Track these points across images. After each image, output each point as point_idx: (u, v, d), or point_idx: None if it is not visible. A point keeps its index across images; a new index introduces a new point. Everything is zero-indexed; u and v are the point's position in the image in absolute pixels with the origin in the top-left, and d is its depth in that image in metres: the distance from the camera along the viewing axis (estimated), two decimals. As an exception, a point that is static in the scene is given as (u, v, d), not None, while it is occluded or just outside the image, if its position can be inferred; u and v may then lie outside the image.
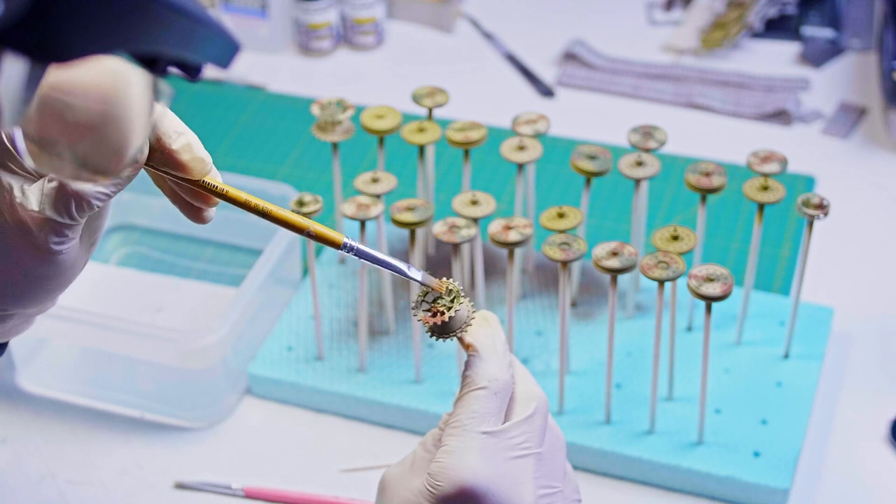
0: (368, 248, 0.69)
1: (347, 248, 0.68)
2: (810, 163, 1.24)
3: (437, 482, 0.68)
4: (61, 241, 0.64)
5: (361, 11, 1.41)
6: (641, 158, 0.97)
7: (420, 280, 0.71)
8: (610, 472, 0.96)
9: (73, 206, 0.62)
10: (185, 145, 0.64)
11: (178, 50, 0.53)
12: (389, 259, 0.70)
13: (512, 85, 1.38)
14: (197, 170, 0.65)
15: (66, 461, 0.98)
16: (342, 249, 0.68)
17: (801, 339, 1.02)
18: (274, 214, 0.67)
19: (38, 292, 0.66)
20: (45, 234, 0.63)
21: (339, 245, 0.68)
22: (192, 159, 0.64)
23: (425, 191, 1.04)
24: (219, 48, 0.56)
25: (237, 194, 0.66)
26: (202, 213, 0.68)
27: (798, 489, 0.94)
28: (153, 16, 0.50)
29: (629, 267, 0.87)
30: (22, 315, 0.68)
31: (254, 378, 1.02)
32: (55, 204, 0.62)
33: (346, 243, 0.68)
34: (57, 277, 0.66)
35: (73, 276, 0.67)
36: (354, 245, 0.69)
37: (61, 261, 0.65)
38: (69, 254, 0.65)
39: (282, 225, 0.67)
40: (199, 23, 0.53)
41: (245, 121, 1.34)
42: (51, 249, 0.64)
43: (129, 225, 1.18)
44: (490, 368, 0.71)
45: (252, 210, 0.67)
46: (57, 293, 0.68)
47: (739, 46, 1.41)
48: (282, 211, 0.67)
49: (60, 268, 0.65)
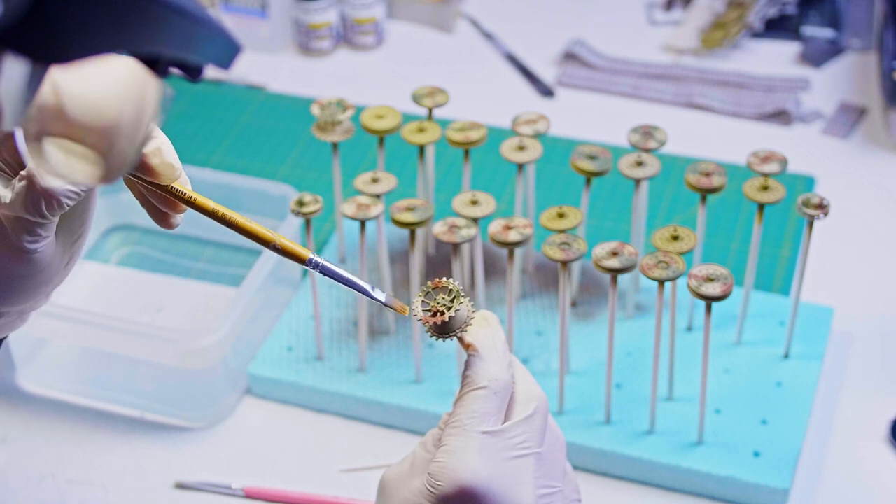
0: (333, 265, 0.69)
1: (312, 264, 0.68)
2: (810, 163, 1.24)
3: (436, 482, 0.68)
4: (34, 239, 0.64)
5: (361, 11, 1.41)
6: (641, 158, 0.97)
7: (384, 302, 0.71)
8: (610, 472, 0.96)
9: (44, 205, 0.62)
10: (155, 150, 0.64)
11: (179, 51, 0.53)
12: (354, 278, 0.70)
13: (512, 85, 1.38)
14: (165, 175, 0.65)
15: (66, 461, 0.98)
16: (307, 265, 0.68)
17: (801, 339, 1.02)
18: (241, 225, 0.67)
19: (19, 290, 0.66)
20: (17, 232, 0.63)
21: (305, 261, 0.68)
22: (160, 164, 0.64)
23: (425, 191, 1.04)
24: (220, 49, 0.56)
25: (205, 202, 0.66)
26: (169, 219, 0.68)
27: (798, 489, 0.94)
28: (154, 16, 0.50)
29: (629, 267, 0.87)
30: (14, 313, 0.68)
31: (254, 378, 1.02)
32: (25, 202, 0.62)
33: (311, 259, 0.68)
34: (34, 276, 0.66)
35: (54, 273, 0.67)
36: (319, 262, 0.69)
37: (37, 259, 0.65)
38: (44, 252, 0.65)
39: (248, 237, 0.67)
40: (199, 23, 0.53)
41: (245, 121, 1.34)
42: (25, 248, 0.64)
43: (129, 225, 1.18)
44: (490, 368, 0.71)
45: (219, 219, 0.66)
46: (42, 290, 0.67)
47: (739, 46, 1.41)
48: (248, 222, 0.67)
49: (37, 266, 0.65)
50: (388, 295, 0.71)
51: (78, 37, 0.47)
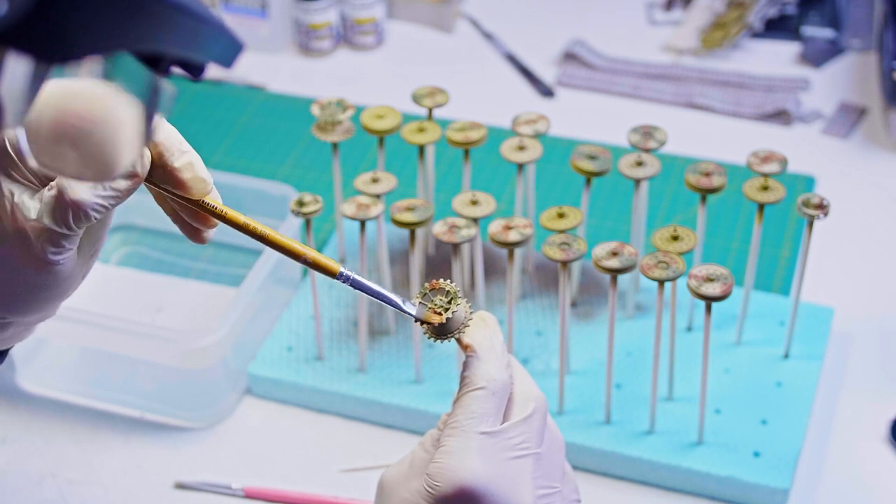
0: (364, 279, 0.69)
1: (343, 277, 0.69)
2: (810, 163, 1.24)
3: (435, 482, 0.68)
4: (58, 251, 0.64)
5: (361, 11, 1.41)
6: (641, 158, 0.97)
7: (415, 315, 0.71)
8: (610, 472, 0.96)
9: (71, 217, 0.62)
10: (186, 164, 0.64)
11: (181, 49, 0.53)
12: (385, 292, 0.70)
13: (512, 85, 1.38)
14: (197, 189, 0.65)
15: (66, 461, 0.98)
16: (338, 279, 0.69)
17: (801, 339, 1.02)
18: (271, 239, 0.67)
19: (35, 302, 0.66)
20: (42, 243, 0.63)
21: (336, 274, 0.69)
22: (192, 178, 0.64)
23: (425, 191, 1.04)
24: (222, 47, 0.56)
25: (236, 216, 0.66)
26: (201, 234, 0.68)
27: (798, 489, 0.94)
28: (156, 15, 0.50)
29: (629, 267, 0.87)
30: (21, 323, 0.68)
31: (254, 378, 1.02)
32: (53, 214, 0.62)
33: (342, 273, 0.69)
34: (54, 288, 0.66)
35: (71, 286, 0.67)
36: (350, 275, 0.69)
37: (59, 271, 0.65)
38: (66, 264, 0.65)
39: (279, 250, 0.68)
40: (201, 22, 0.53)
41: (245, 121, 1.34)
42: (48, 259, 0.63)
43: (129, 225, 1.18)
44: (488, 369, 0.71)
45: (250, 233, 0.67)
46: (55, 303, 0.67)
47: (739, 46, 1.41)
48: (279, 236, 0.67)
49: (58, 278, 0.65)
50: (420, 307, 0.71)
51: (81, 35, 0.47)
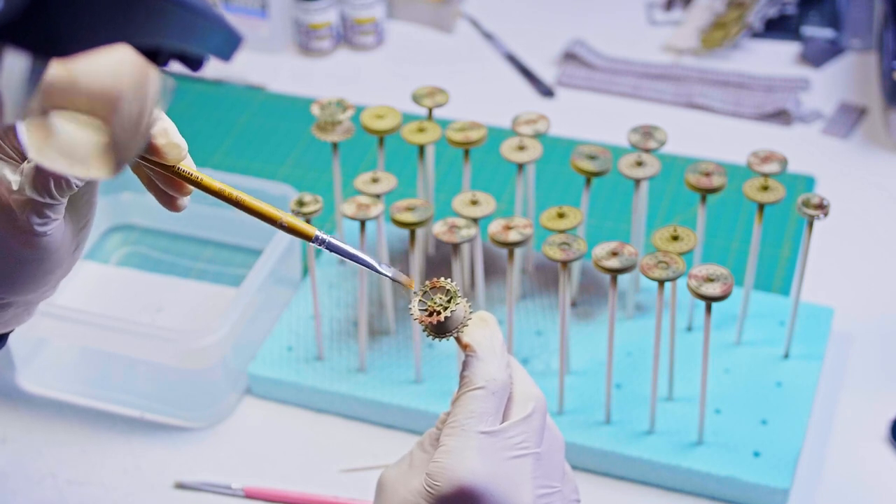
0: (339, 241, 0.69)
1: (318, 240, 0.69)
2: (810, 163, 1.24)
3: (435, 482, 0.68)
4: (44, 221, 0.64)
5: (361, 11, 1.41)
6: (641, 158, 0.97)
7: (391, 276, 0.71)
8: (610, 472, 0.96)
9: (52, 185, 0.62)
10: (161, 130, 0.64)
11: (180, 42, 0.53)
12: (360, 254, 0.70)
13: (512, 85, 1.38)
14: (171, 155, 0.65)
15: (66, 461, 0.98)
16: (313, 242, 0.69)
17: (801, 339, 1.02)
18: (246, 204, 0.67)
19: (29, 277, 0.66)
20: (27, 215, 0.63)
21: (311, 238, 0.69)
22: (167, 144, 0.64)
23: (425, 191, 1.04)
24: (220, 40, 0.56)
25: (210, 182, 0.66)
26: (176, 202, 0.68)
27: (798, 489, 0.94)
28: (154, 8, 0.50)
29: (629, 267, 0.87)
30: (21, 303, 0.68)
31: (254, 378, 1.02)
32: (34, 183, 0.62)
33: (317, 236, 0.69)
34: (46, 261, 0.66)
35: (61, 260, 0.67)
36: (326, 238, 0.69)
37: (47, 242, 0.65)
38: (54, 235, 0.65)
39: (254, 215, 0.68)
40: (200, 15, 0.53)
41: (245, 121, 1.34)
42: (34, 230, 0.64)
43: (129, 225, 1.18)
44: (488, 368, 0.71)
45: (225, 199, 0.67)
46: (48, 278, 0.67)
47: (739, 46, 1.41)
48: (254, 201, 0.67)
49: (48, 250, 0.65)
50: (395, 270, 0.71)
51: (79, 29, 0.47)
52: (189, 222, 1.15)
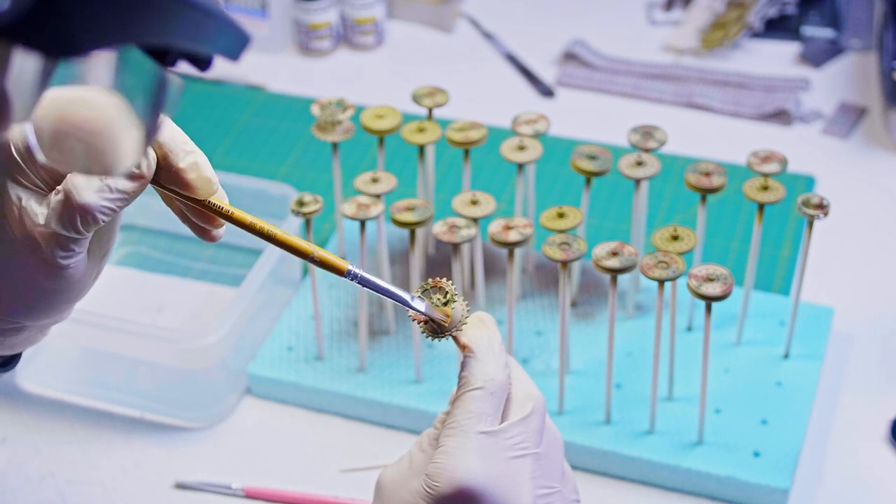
0: (372, 276, 0.69)
1: (351, 275, 0.68)
2: (810, 163, 1.24)
3: (434, 483, 0.68)
4: (68, 255, 0.64)
5: (361, 11, 1.41)
6: (641, 158, 0.97)
7: (424, 311, 0.71)
8: (610, 472, 0.96)
9: (79, 221, 0.62)
10: (192, 164, 0.64)
11: (188, 42, 0.53)
12: (392, 288, 0.70)
13: (512, 85, 1.38)
14: (202, 189, 0.65)
15: (66, 461, 0.98)
16: (346, 277, 0.68)
17: (801, 339, 1.02)
18: (278, 238, 0.67)
19: (47, 306, 0.66)
20: (51, 248, 0.63)
21: (343, 272, 0.68)
22: (198, 178, 0.64)
23: (425, 191, 1.04)
24: (228, 40, 0.56)
25: (242, 216, 0.66)
26: (210, 234, 0.68)
27: (798, 489, 0.94)
28: (162, 8, 0.49)
29: (629, 267, 0.87)
30: (35, 327, 0.68)
31: (254, 378, 1.02)
32: (61, 218, 0.62)
33: (350, 270, 0.68)
34: (66, 292, 0.66)
35: (82, 289, 0.67)
36: (358, 273, 0.68)
37: (69, 275, 0.65)
38: (77, 268, 0.65)
39: (286, 249, 0.67)
40: (208, 14, 0.53)
41: (245, 121, 1.34)
42: (58, 264, 0.63)
43: (129, 225, 1.18)
44: (486, 369, 0.71)
45: (257, 233, 0.66)
46: (68, 306, 0.67)
47: (739, 46, 1.41)
48: (286, 235, 0.67)
49: (69, 282, 0.65)
50: (428, 304, 0.71)
51: (87, 29, 0.47)
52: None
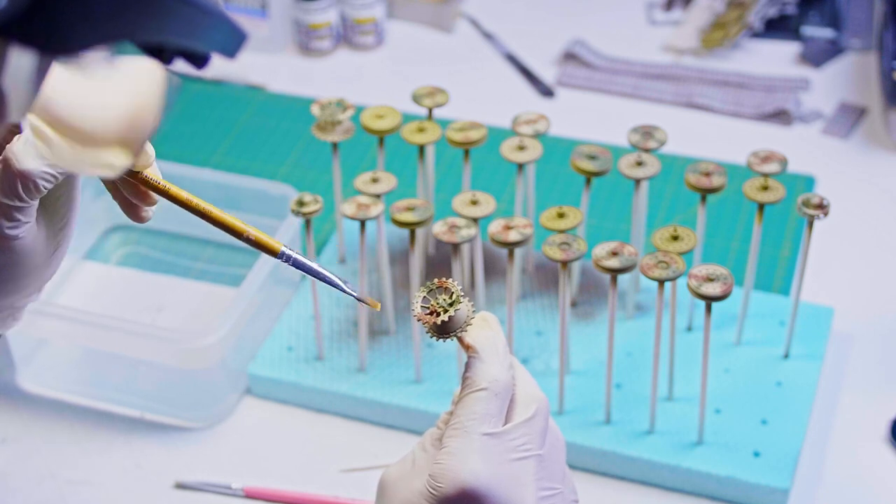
0: (305, 258, 0.68)
1: (284, 257, 0.68)
2: (810, 163, 1.24)
3: (438, 483, 0.68)
4: (14, 224, 0.63)
5: (361, 11, 1.41)
6: (641, 158, 0.97)
7: (357, 297, 0.70)
8: (610, 472, 0.96)
9: (20, 187, 0.62)
10: None
11: (184, 39, 0.53)
12: (326, 272, 0.69)
13: (512, 85, 1.38)
14: (139, 161, 0.64)
15: (66, 461, 0.98)
16: (279, 258, 0.68)
17: (801, 339, 1.02)
18: (212, 216, 0.66)
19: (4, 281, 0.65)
20: None
21: (277, 253, 0.68)
22: None
23: (425, 191, 1.04)
24: (225, 37, 0.56)
25: (177, 192, 0.65)
26: (140, 212, 0.67)
27: (798, 489, 0.94)
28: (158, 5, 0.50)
29: (629, 267, 0.87)
30: (4, 307, 0.68)
31: (254, 378, 1.02)
32: (2, 185, 0.62)
33: (283, 252, 0.68)
34: (20, 264, 0.65)
35: (37, 264, 0.66)
36: (291, 255, 0.68)
37: (19, 246, 0.64)
38: (25, 239, 0.64)
39: (220, 227, 0.66)
40: (204, 12, 0.53)
41: (245, 121, 1.34)
42: (4, 234, 0.63)
43: (129, 225, 1.17)
44: (490, 370, 0.71)
45: (192, 210, 0.66)
46: (24, 282, 0.67)
47: (739, 46, 1.41)
48: (220, 213, 0.66)
49: (21, 253, 0.65)
50: (360, 290, 0.70)
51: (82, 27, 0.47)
52: (189, 222, 1.15)
